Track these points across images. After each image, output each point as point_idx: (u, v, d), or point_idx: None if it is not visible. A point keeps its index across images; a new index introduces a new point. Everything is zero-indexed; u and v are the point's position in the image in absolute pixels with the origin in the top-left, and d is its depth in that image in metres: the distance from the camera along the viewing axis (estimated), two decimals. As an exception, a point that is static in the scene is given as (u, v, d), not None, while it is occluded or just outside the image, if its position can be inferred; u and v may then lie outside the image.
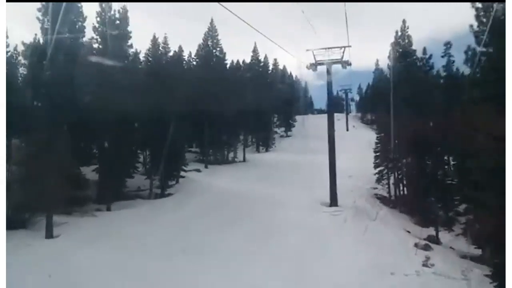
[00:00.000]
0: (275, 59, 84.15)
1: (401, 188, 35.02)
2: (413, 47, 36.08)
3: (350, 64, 29.80)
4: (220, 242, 19.69)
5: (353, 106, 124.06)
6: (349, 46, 28.96)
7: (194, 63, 60.40)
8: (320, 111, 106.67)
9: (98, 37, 31.32)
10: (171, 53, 45.61)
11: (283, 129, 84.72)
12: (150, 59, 39.54)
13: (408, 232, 24.52)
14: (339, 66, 30.03)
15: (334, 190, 28.02)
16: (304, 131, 78.16)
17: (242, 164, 54.01)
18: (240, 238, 20.45)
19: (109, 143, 29.49)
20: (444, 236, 25.22)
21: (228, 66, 64.04)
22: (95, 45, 30.97)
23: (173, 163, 37.94)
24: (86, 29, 29.38)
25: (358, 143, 63.58)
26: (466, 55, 20.20)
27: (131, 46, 34.44)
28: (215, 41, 57.18)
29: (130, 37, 34.01)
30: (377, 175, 36.74)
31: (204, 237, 20.56)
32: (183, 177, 40.49)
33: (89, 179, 31.75)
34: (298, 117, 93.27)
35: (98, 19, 31.72)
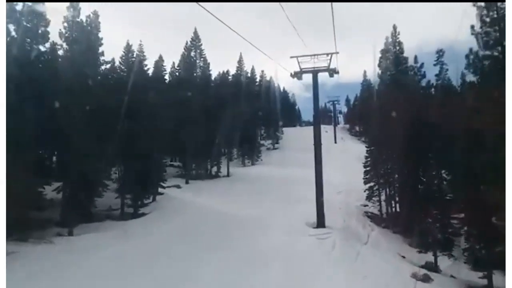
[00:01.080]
0: (262, 71, 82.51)
1: (393, 205, 32.70)
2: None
3: (337, 72, 27.55)
4: (191, 275, 17.03)
5: (341, 118, 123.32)
6: (336, 53, 26.81)
7: (177, 73, 58.60)
8: (308, 123, 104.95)
9: (64, 43, 28.75)
10: (147, 61, 43.09)
11: (270, 141, 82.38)
12: (123, 67, 36.80)
13: (403, 257, 22.09)
14: (326, 76, 27.90)
15: (321, 209, 25.48)
16: (292, 144, 76.10)
17: (226, 179, 51.42)
18: (215, 269, 17.80)
19: (74, 158, 26.45)
20: (442, 260, 22.76)
21: (213, 77, 62.23)
22: (60, 52, 28.16)
23: (149, 179, 35.32)
24: (50, 34, 27.12)
25: (347, 156, 61.70)
26: (467, 60, 18.14)
27: (102, 53, 31.90)
28: (198, 51, 55.04)
29: (101, 44, 31.62)
30: (367, 191, 34.29)
31: (175, 269, 17.84)
32: (161, 194, 37.83)
33: (53, 199, 28.95)
34: (285, 129, 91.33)
35: (65, 24, 29.19)
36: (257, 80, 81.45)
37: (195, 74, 53.83)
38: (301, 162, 47.28)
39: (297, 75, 27.48)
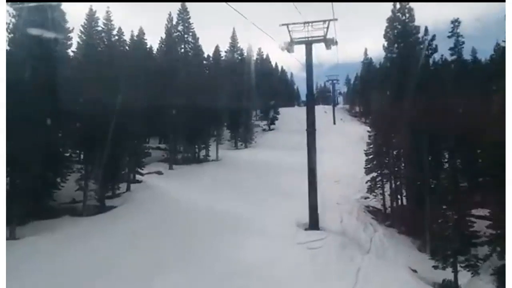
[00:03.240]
0: (259, 48, 77.43)
1: (399, 197, 28.50)
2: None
3: (336, 43, 22.87)
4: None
5: (340, 99, 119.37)
6: (334, 20, 22.14)
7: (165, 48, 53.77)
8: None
9: (12, 10, 24.04)
10: (126, 34, 38.33)
11: (265, 122, 77.72)
12: (84, 37, 31.98)
13: (415, 271, 17.94)
14: (324, 55, 23.32)
15: (315, 207, 21.27)
16: (289, 125, 71.55)
17: (214, 163, 46.93)
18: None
19: (22, 142, 21.88)
20: (461, 274, 18.51)
21: (206, 54, 57.50)
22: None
23: (122, 166, 31.17)
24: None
25: (346, 139, 57.30)
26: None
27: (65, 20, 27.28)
28: (186, 24, 50.07)
29: (65, 13, 26.94)
30: (369, 183, 29.95)
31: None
32: (139, 182, 33.66)
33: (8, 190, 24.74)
34: (283, 109, 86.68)
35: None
36: (254, 58, 76.47)
37: (183, 50, 49.11)
38: (298, 145, 42.82)
39: (288, 46, 22.93)
